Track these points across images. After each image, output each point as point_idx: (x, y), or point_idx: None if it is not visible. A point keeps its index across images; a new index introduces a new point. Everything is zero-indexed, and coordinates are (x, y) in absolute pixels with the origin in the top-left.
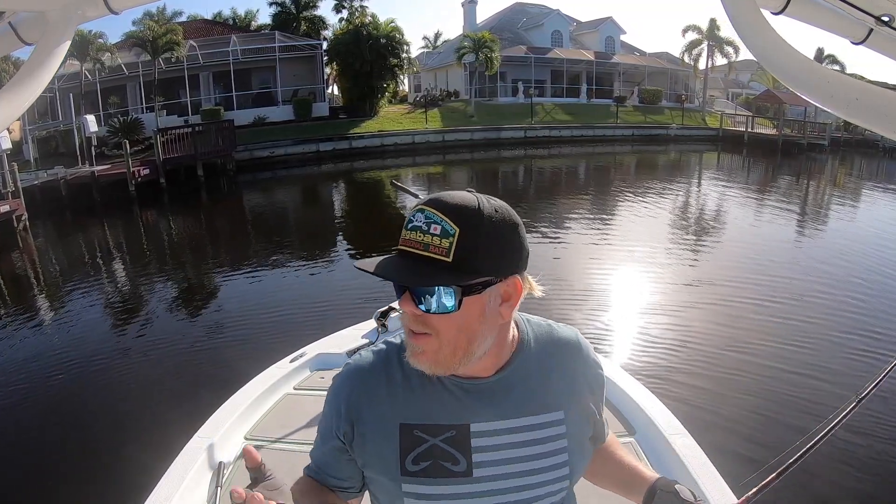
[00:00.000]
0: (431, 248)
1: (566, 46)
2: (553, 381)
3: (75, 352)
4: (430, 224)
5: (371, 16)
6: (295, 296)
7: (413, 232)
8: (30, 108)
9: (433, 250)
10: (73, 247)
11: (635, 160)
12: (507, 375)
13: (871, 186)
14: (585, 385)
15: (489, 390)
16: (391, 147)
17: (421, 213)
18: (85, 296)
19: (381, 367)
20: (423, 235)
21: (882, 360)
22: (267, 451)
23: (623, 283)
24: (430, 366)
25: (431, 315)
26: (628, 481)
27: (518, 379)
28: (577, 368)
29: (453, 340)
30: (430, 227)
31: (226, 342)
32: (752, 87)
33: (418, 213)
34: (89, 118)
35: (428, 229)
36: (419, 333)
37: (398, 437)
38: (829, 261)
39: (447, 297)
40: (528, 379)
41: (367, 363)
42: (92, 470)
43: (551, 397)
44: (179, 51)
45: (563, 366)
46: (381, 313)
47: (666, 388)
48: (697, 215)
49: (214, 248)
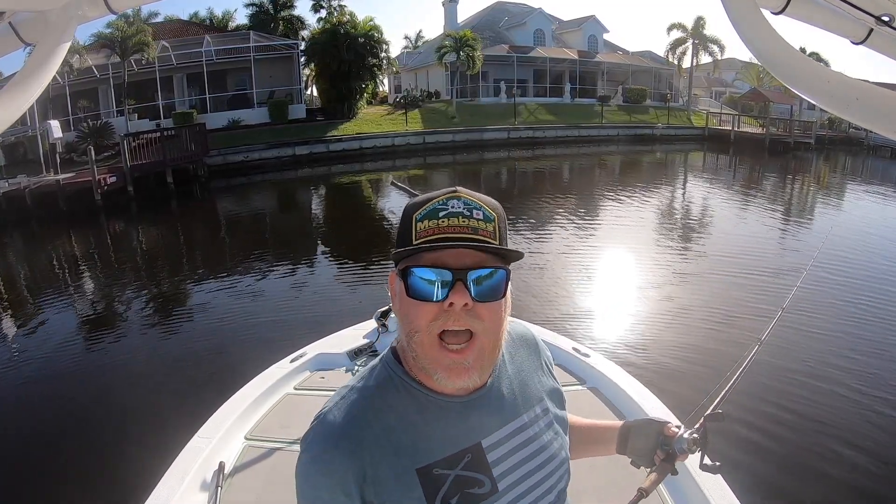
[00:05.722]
0: (480, 231)
1: (549, 45)
2: (528, 375)
3: (75, 353)
4: (471, 209)
5: (349, 15)
6: (295, 296)
7: (455, 218)
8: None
9: (483, 234)
10: (41, 257)
11: (621, 161)
12: (496, 380)
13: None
14: (547, 369)
15: (489, 399)
16: (370, 150)
17: (457, 200)
18: (83, 298)
19: (370, 417)
20: (468, 220)
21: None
22: (267, 451)
23: (598, 279)
24: (477, 376)
25: (482, 305)
26: (599, 438)
27: (505, 381)
28: (540, 356)
29: (495, 334)
30: (473, 213)
31: (226, 343)
32: (736, 86)
33: (453, 200)
34: (53, 123)
35: (471, 214)
36: (459, 349)
37: (419, 484)
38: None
39: (500, 282)
40: (511, 379)
41: (351, 420)
42: (92, 470)
43: (533, 390)
44: (150, 52)
45: (530, 358)
46: (381, 313)
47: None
48: (683, 217)
49: (196, 255)
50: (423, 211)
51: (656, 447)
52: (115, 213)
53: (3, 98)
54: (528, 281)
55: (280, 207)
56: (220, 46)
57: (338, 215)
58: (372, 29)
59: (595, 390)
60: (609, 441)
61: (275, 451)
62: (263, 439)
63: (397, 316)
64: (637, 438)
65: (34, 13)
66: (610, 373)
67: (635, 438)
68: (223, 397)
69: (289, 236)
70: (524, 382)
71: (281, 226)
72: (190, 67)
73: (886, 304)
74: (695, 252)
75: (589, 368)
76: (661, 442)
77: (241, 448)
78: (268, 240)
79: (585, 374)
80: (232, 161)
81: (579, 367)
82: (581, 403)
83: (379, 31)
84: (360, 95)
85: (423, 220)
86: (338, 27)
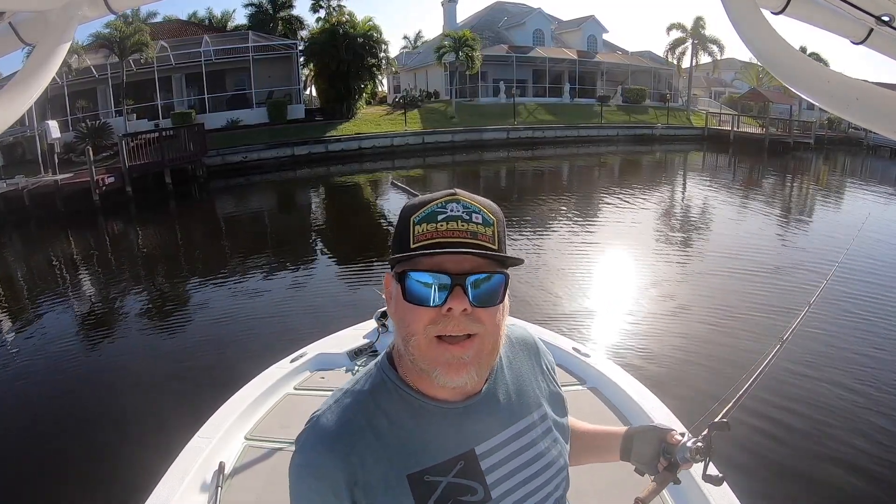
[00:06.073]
0: (479, 236)
1: (548, 45)
2: (526, 379)
3: (75, 353)
4: (470, 213)
5: (348, 14)
6: (295, 297)
7: (454, 222)
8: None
9: (482, 238)
10: (40, 257)
11: (621, 161)
12: (492, 385)
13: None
14: (548, 374)
15: (484, 405)
16: (369, 150)
17: (456, 203)
18: (82, 299)
19: (363, 421)
20: (467, 224)
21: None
22: (267, 452)
23: (598, 278)
24: (475, 372)
25: (481, 310)
26: (602, 445)
27: (501, 386)
28: (540, 360)
29: (493, 337)
30: (472, 216)
31: (226, 343)
32: (735, 86)
33: (452, 203)
34: (51, 124)
35: (470, 218)
36: (459, 341)
37: (410, 490)
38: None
39: (498, 287)
40: (508, 384)
41: (344, 424)
42: (92, 470)
43: (531, 395)
44: (148, 52)
45: (529, 362)
46: (381, 313)
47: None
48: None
49: (195, 255)
50: (421, 214)
51: (659, 455)
52: (113, 214)
53: (2, 98)
54: (528, 281)
55: (279, 208)
56: (218, 46)
57: (337, 215)
58: (371, 29)
59: (595, 390)
60: (612, 447)
61: (275, 451)
62: (263, 439)
63: (393, 319)
64: (640, 445)
65: (34, 13)
66: (610, 373)
67: (638, 445)
68: (223, 397)
69: (288, 237)
70: (522, 388)
71: (280, 226)
72: (189, 67)
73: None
74: (695, 252)
75: (589, 369)
76: (663, 450)
77: (242, 448)
78: (267, 240)
79: (586, 374)
80: (231, 161)
81: (579, 368)
82: (581, 404)
83: (378, 31)
84: (359, 95)
85: (421, 224)
86: (337, 27)
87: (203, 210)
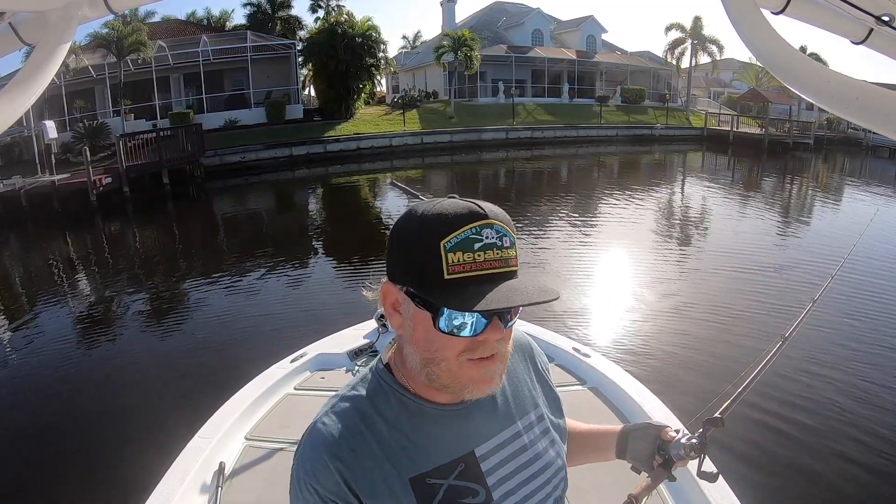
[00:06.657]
0: (510, 261)
1: (547, 45)
2: (522, 380)
3: (75, 354)
4: (501, 238)
5: (347, 14)
6: (294, 297)
7: (490, 250)
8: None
9: (512, 263)
10: (37, 258)
11: (620, 161)
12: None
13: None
14: (543, 374)
15: (482, 407)
16: (368, 150)
17: (490, 229)
18: (80, 299)
19: (363, 426)
20: (501, 251)
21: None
22: (267, 452)
23: (597, 278)
24: (500, 378)
25: (508, 330)
26: (599, 444)
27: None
28: (535, 361)
29: (510, 343)
30: (503, 241)
31: (226, 343)
32: (734, 87)
33: (487, 229)
34: (48, 124)
35: (502, 244)
36: (489, 356)
37: (412, 494)
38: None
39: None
40: (505, 385)
41: (344, 429)
42: (92, 470)
43: (527, 396)
44: (146, 52)
45: (524, 363)
46: (381, 314)
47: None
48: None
49: (193, 256)
50: (454, 239)
51: (654, 452)
52: (110, 214)
53: (2, 99)
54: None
55: (277, 208)
56: (217, 46)
57: (336, 216)
58: (370, 29)
59: (595, 390)
60: (608, 446)
61: (275, 451)
62: (263, 439)
63: (407, 338)
64: (635, 443)
65: (34, 13)
66: (610, 373)
67: (633, 443)
68: (223, 397)
69: (287, 237)
70: (518, 389)
71: (279, 226)
72: (187, 67)
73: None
74: (694, 251)
75: (589, 368)
76: (658, 447)
77: (242, 448)
78: (266, 240)
79: (585, 374)
80: (229, 161)
81: (579, 368)
82: (581, 404)
83: (377, 31)
84: (358, 95)
85: (455, 252)
86: (335, 27)
87: (201, 210)
